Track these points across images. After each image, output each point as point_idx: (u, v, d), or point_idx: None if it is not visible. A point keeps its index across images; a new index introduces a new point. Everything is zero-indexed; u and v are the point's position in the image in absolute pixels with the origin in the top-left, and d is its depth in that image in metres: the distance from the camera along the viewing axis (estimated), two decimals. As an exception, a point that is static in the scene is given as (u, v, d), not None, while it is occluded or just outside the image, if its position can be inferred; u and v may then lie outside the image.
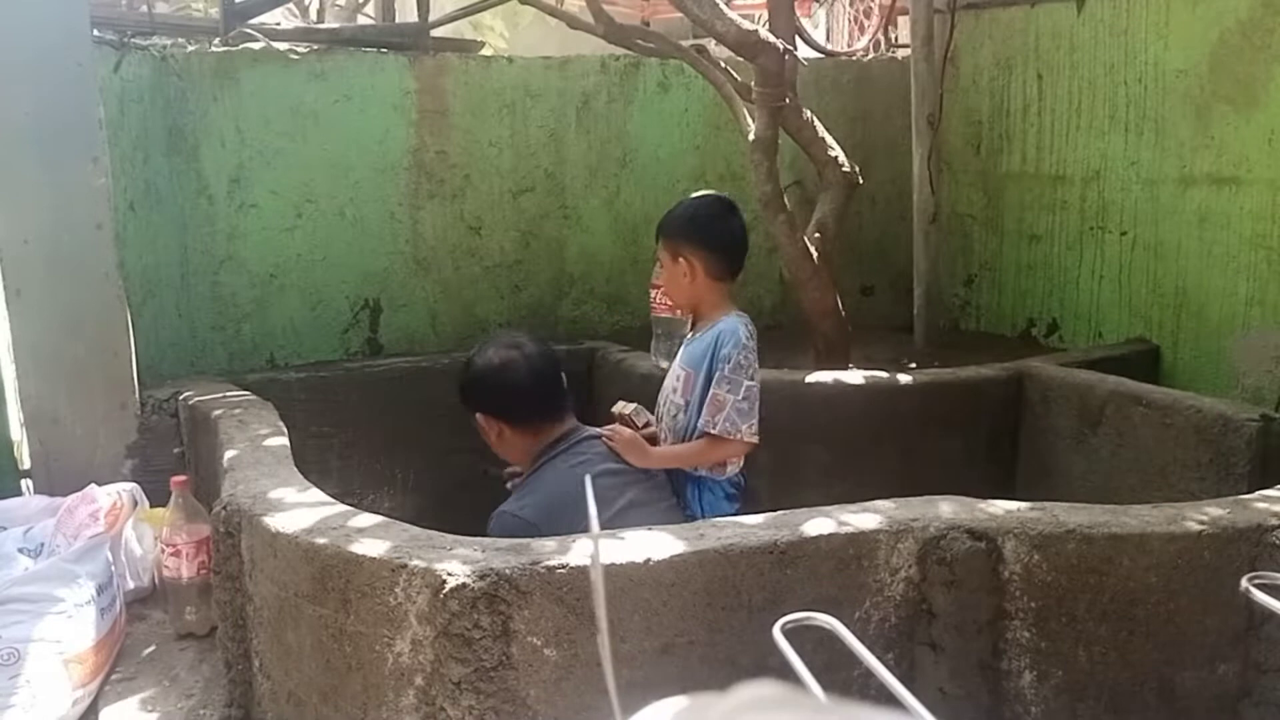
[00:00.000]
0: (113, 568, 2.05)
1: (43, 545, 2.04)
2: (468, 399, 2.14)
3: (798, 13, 3.89)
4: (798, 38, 3.67)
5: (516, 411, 2.09)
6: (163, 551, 2.08)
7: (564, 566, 1.40)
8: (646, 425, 2.22)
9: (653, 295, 2.73)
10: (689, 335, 2.28)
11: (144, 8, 3.07)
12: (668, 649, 1.45)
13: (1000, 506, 1.64)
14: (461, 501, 2.57)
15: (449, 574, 1.38)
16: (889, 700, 0.84)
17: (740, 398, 2.09)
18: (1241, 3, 2.76)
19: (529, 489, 2.08)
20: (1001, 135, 3.51)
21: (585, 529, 1.99)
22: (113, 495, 2.18)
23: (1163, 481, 2.43)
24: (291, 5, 4.64)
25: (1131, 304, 3.13)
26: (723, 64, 3.02)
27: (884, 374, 2.78)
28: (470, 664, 1.37)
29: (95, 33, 2.51)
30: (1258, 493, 1.77)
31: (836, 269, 2.98)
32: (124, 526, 2.20)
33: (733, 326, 2.15)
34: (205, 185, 2.85)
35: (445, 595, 1.36)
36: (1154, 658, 1.58)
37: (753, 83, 2.69)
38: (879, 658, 0.90)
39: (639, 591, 1.42)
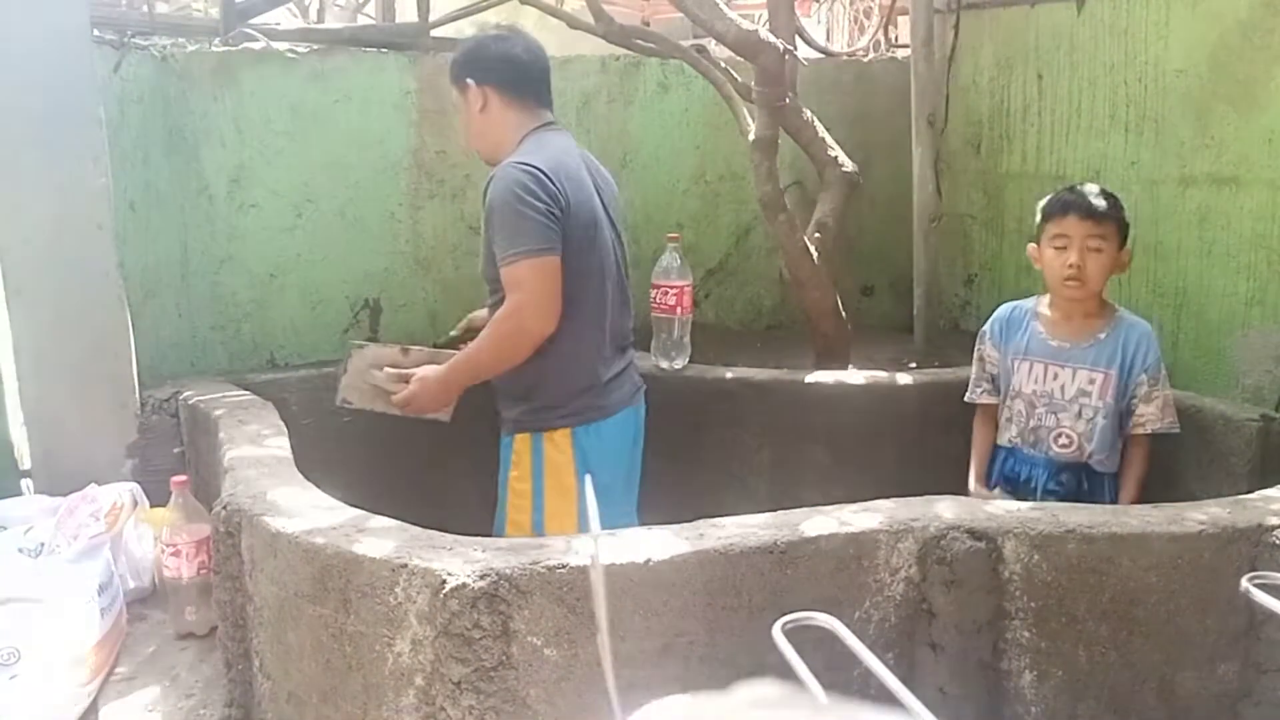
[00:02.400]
0: (113, 568, 2.05)
1: (43, 545, 2.04)
2: (459, 68, 2.19)
3: (798, 13, 3.89)
4: (798, 38, 3.66)
5: (510, 77, 2.15)
6: (163, 551, 2.09)
7: (564, 566, 1.40)
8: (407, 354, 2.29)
9: (653, 295, 2.74)
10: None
11: (144, 8, 3.07)
12: (668, 649, 1.45)
13: (1000, 506, 1.64)
14: (461, 501, 2.57)
15: (449, 574, 1.38)
16: (889, 700, 0.84)
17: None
18: (1241, 3, 2.76)
19: (527, 151, 2.12)
20: (1001, 135, 3.51)
21: (585, 196, 2.11)
22: (113, 495, 2.18)
23: (1163, 481, 2.43)
24: (291, 5, 4.64)
25: (1131, 304, 3.13)
26: (723, 64, 3.03)
27: (884, 374, 2.78)
28: (470, 664, 1.37)
29: (95, 33, 2.51)
30: (1258, 493, 1.77)
31: (836, 269, 2.98)
32: (124, 526, 2.20)
33: (1147, 330, 2.28)
34: (205, 185, 2.85)
35: (445, 595, 1.37)
36: (1154, 658, 1.58)
37: (753, 83, 2.69)
38: (879, 658, 0.90)
39: (639, 591, 1.42)
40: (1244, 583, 1.11)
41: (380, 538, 1.51)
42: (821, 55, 4.19)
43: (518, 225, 2.02)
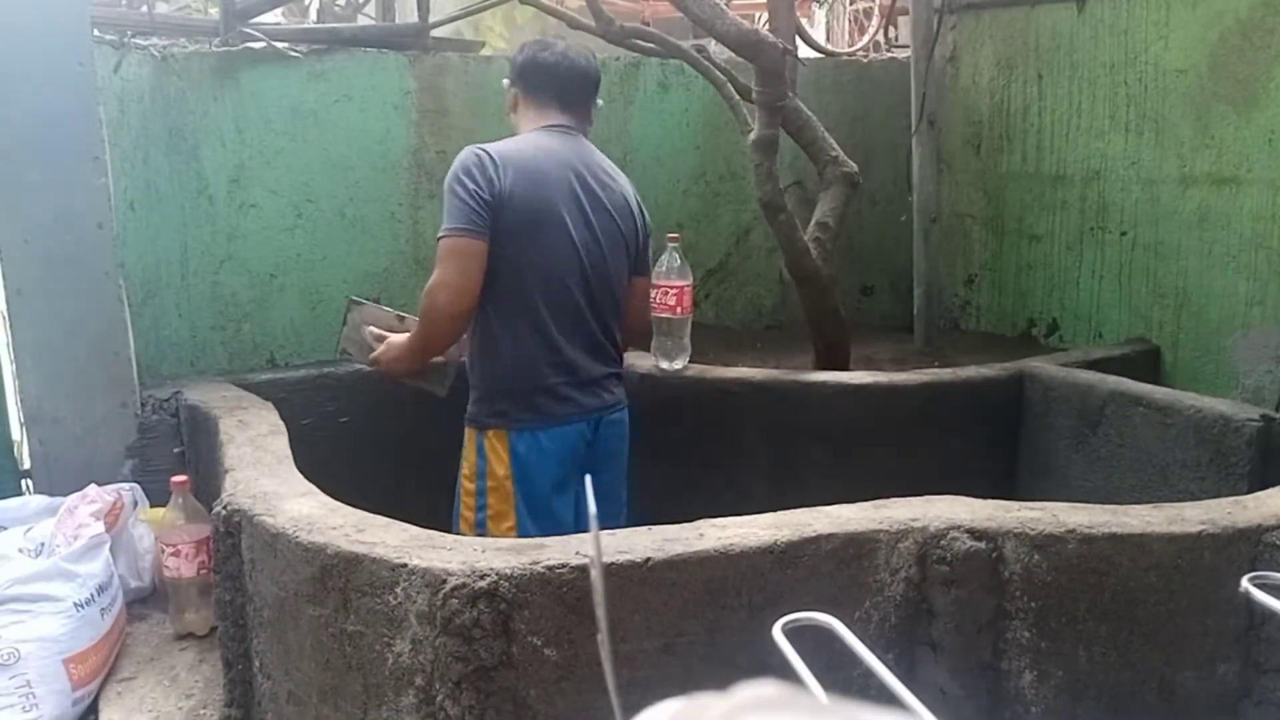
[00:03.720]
0: (113, 568, 2.05)
1: (43, 545, 2.04)
2: (510, 70, 2.35)
3: (798, 13, 3.89)
4: (798, 38, 3.67)
5: (534, 80, 2.29)
6: (163, 551, 2.09)
7: (564, 566, 1.40)
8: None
9: (653, 295, 2.74)
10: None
11: (144, 8, 3.07)
12: (668, 649, 1.45)
13: (1000, 506, 1.64)
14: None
15: (449, 573, 1.38)
16: (889, 700, 0.84)
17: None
18: (1241, 3, 2.76)
19: (505, 140, 2.25)
20: (1001, 135, 3.51)
21: (537, 191, 2.15)
22: (113, 495, 2.18)
23: (1163, 481, 2.43)
24: (291, 5, 4.64)
25: (1131, 304, 3.13)
26: (723, 64, 3.03)
27: (884, 374, 2.78)
28: (470, 663, 1.37)
29: (95, 33, 2.51)
30: (1258, 493, 1.77)
31: (836, 269, 2.98)
32: (124, 526, 2.20)
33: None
34: (205, 185, 2.85)
35: (445, 595, 1.36)
36: (1154, 658, 1.58)
37: (753, 83, 2.69)
38: (879, 658, 0.90)
39: (639, 591, 1.42)
40: (1244, 583, 1.11)
41: (380, 537, 1.51)
42: (821, 55, 4.19)
43: (449, 205, 2.13)
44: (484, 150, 2.15)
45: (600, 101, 2.42)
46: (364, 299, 2.55)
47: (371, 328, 2.39)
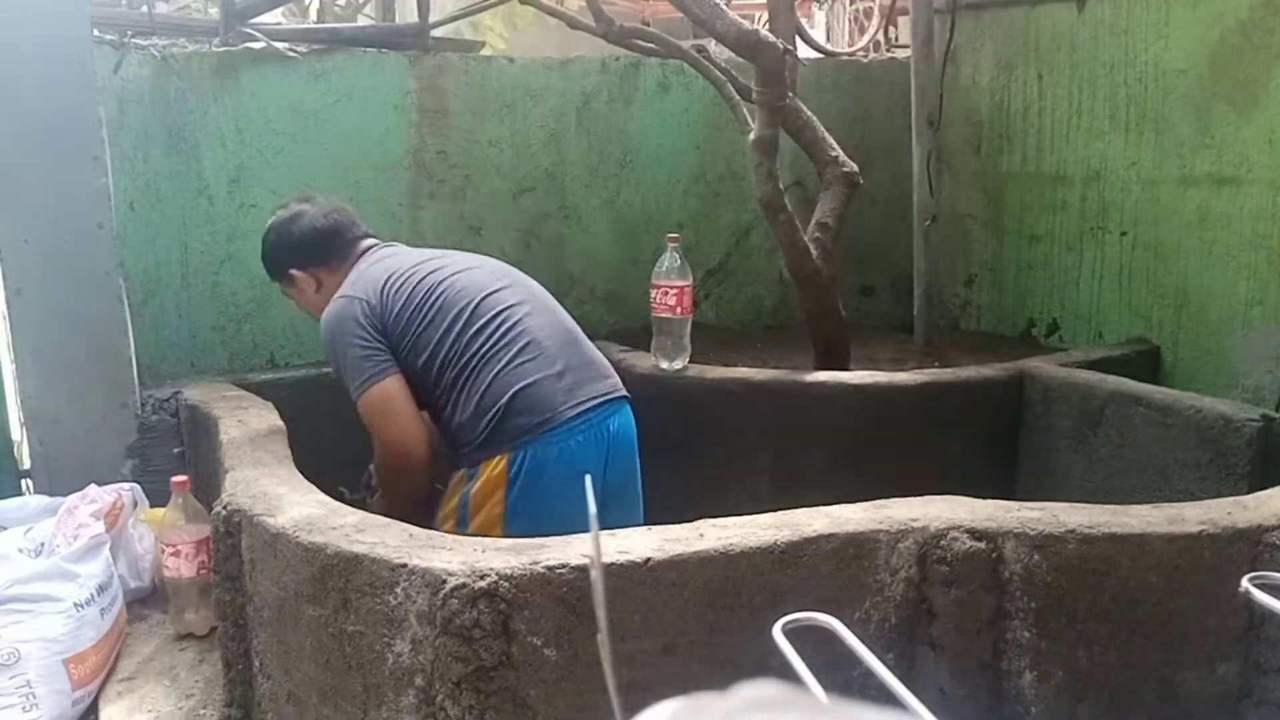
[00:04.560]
0: (113, 568, 2.06)
1: (43, 545, 2.04)
2: (278, 266, 2.23)
3: (798, 13, 3.89)
4: (798, 38, 3.67)
5: (325, 248, 2.19)
6: (163, 551, 2.09)
7: (564, 566, 1.40)
8: None
9: (653, 295, 2.74)
10: None
11: (144, 8, 3.07)
12: (668, 649, 1.45)
13: (1000, 506, 1.64)
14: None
15: (449, 573, 1.38)
16: (889, 700, 0.84)
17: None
18: (1241, 3, 2.76)
19: (346, 284, 2.14)
20: (1001, 135, 3.51)
21: (413, 274, 2.08)
22: (113, 495, 2.18)
23: (1163, 481, 2.43)
24: (291, 5, 4.64)
25: (1132, 304, 3.13)
26: (723, 64, 3.02)
27: (884, 374, 2.78)
28: (470, 663, 1.37)
29: (95, 33, 2.51)
30: (1258, 493, 1.77)
31: (836, 269, 2.98)
32: (124, 526, 2.21)
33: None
34: (205, 185, 2.86)
35: (445, 595, 1.36)
36: (1154, 658, 1.58)
37: (753, 83, 2.69)
38: (879, 658, 0.90)
39: (639, 591, 1.42)
40: (1244, 583, 1.11)
41: (380, 538, 1.51)
42: (821, 55, 4.18)
43: (345, 366, 2.06)
44: (342, 295, 2.09)
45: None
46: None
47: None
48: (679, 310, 2.70)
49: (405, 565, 1.42)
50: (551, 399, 2.05)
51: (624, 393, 2.22)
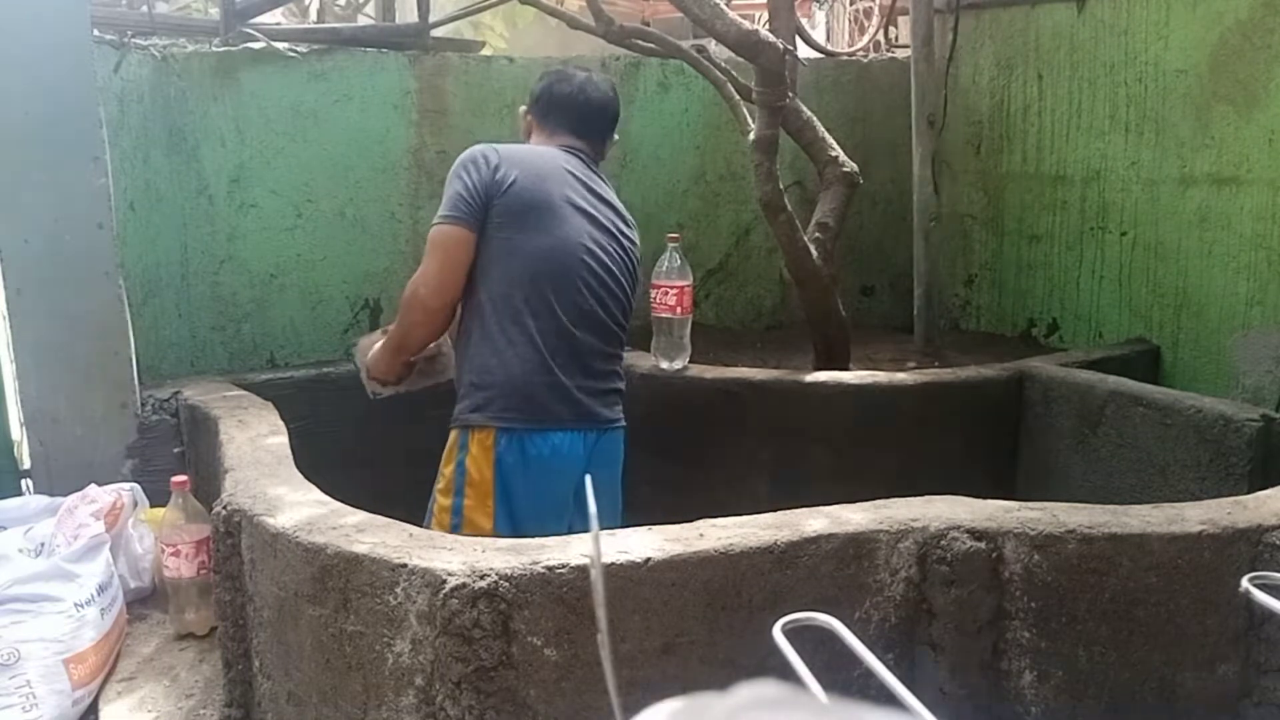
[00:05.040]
0: (113, 568, 2.05)
1: (43, 545, 2.04)
2: (530, 99, 2.39)
3: (798, 13, 3.89)
4: (798, 38, 3.66)
5: (546, 106, 2.33)
6: (163, 551, 2.09)
7: (564, 566, 1.40)
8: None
9: (653, 295, 2.74)
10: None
11: (144, 8, 3.07)
12: (668, 649, 1.45)
13: (1000, 506, 1.64)
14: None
15: (449, 573, 1.38)
16: (889, 700, 0.85)
17: None
18: (1241, 3, 2.76)
19: (524, 146, 2.30)
20: (1001, 135, 3.51)
21: (540, 187, 2.16)
22: (113, 495, 2.18)
23: (1163, 481, 2.43)
24: (291, 5, 4.64)
25: (1131, 304, 3.13)
26: (723, 64, 3.02)
27: (884, 374, 2.78)
28: (470, 663, 1.37)
29: (95, 33, 2.51)
30: (1258, 493, 1.77)
31: (836, 269, 2.98)
32: (124, 526, 2.20)
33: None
34: (205, 185, 2.86)
35: (445, 595, 1.36)
36: (1154, 658, 1.58)
37: (753, 83, 2.69)
38: (879, 658, 0.90)
39: (639, 591, 1.42)
40: (1244, 583, 1.11)
41: (380, 538, 1.51)
42: (821, 55, 4.18)
43: (445, 195, 2.17)
44: (488, 146, 2.20)
45: (616, 136, 2.43)
46: (354, 340, 2.58)
47: (363, 344, 2.42)
48: (679, 310, 2.70)
49: (405, 565, 1.42)
50: (559, 405, 2.14)
51: (623, 423, 2.31)
